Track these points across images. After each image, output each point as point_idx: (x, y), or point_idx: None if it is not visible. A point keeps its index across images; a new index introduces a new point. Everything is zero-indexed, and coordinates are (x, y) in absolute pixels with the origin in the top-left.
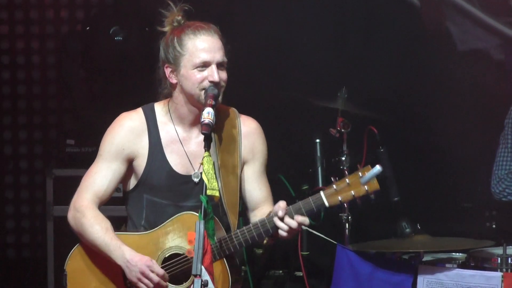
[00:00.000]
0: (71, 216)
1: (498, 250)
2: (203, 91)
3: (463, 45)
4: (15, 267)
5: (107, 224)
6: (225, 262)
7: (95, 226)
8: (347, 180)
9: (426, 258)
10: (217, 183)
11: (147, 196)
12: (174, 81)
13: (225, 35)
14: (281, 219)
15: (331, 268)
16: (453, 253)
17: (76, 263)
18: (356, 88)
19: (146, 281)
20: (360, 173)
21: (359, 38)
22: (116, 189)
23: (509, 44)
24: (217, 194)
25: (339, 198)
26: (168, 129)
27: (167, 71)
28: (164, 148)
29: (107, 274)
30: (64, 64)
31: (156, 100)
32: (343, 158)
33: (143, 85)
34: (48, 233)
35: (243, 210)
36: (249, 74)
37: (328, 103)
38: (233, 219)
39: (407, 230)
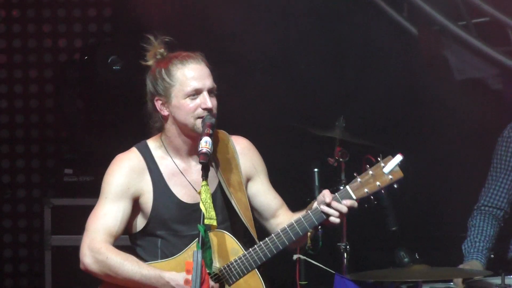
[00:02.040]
0: (90, 261)
1: (497, 280)
2: (198, 119)
3: (460, 75)
4: None
5: (133, 257)
6: (257, 273)
7: (126, 263)
8: (370, 171)
9: (425, 287)
10: (232, 202)
11: (161, 232)
12: (165, 113)
13: (223, 62)
14: (329, 205)
15: None
16: (452, 283)
17: None
18: (353, 117)
19: None
20: (382, 163)
21: (357, 67)
22: None
23: (507, 74)
24: (214, 223)
25: (366, 190)
26: (166, 162)
27: (158, 103)
28: (167, 181)
29: None
30: (62, 93)
31: (149, 135)
32: (341, 187)
33: (141, 114)
34: (46, 263)
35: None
36: (248, 103)
37: (326, 132)
38: (254, 233)
39: (406, 259)
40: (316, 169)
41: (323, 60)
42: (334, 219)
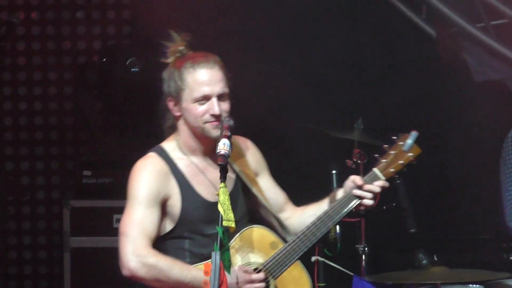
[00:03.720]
0: (138, 265)
1: None
2: (207, 124)
3: (479, 76)
4: None
5: (178, 261)
6: (300, 263)
7: (175, 266)
8: (391, 152)
9: None
10: (256, 194)
11: (188, 234)
12: (177, 113)
13: (238, 66)
14: (361, 187)
15: None
16: (470, 285)
17: None
18: (372, 119)
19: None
20: (401, 142)
21: (375, 69)
22: None
23: None
24: (233, 225)
25: (391, 169)
26: (186, 163)
27: (170, 104)
28: (190, 182)
29: None
30: (80, 95)
31: (161, 134)
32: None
33: (159, 116)
34: (65, 264)
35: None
36: (266, 105)
37: (344, 134)
38: (280, 220)
39: (424, 261)
40: (334, 171)
41: (341, 62)
42: (368, 201)
